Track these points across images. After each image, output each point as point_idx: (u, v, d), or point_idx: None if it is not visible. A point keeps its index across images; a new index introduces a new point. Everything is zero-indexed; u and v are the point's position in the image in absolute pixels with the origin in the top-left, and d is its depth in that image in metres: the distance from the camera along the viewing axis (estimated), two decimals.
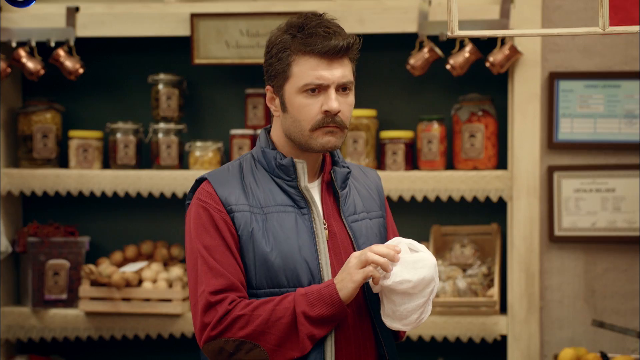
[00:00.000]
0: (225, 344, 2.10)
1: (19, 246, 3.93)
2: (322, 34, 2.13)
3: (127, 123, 3.94)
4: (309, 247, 2.15)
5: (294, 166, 2.19)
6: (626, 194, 3.67)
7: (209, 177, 2.21)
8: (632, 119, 3.67)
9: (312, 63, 2.13)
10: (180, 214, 3.93)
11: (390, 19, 3.73)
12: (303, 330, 2.08)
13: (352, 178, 2.30)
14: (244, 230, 2.15)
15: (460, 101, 3.80)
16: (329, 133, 2.15)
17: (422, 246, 2.13)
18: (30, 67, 3.84)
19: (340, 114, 2.15)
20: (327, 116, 2.14)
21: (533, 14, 3.66)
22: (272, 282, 2.14)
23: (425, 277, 2.06)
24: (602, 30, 1.83)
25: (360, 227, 2.24)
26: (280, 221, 2.16)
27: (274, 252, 2.14)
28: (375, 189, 2.35)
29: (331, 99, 2.13)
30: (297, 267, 2.14)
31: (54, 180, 3.89)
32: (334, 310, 2.08)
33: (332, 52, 2.13)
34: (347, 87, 2.17)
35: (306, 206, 2.19)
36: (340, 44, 2.13)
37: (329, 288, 2.09)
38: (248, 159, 2.25)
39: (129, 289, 3.77)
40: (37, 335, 3.89)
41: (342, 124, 2.17)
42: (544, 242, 3.72)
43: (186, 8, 3.84)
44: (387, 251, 2.07)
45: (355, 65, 2.21)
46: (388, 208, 2.39)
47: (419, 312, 2.09)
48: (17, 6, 1.98)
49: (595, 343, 3.69)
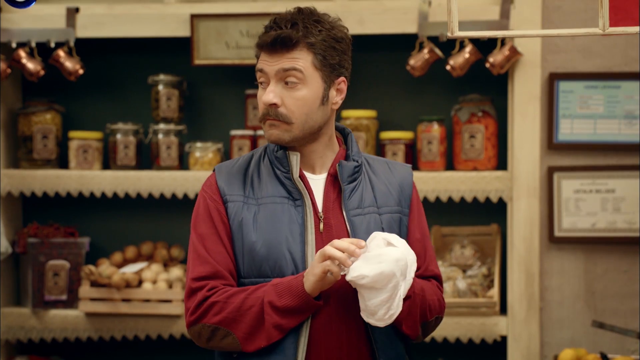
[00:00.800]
0: (202, 329, 2.15)
1: (19, 247, 3.93)
2: (270, 26, 2.16)
3: (127, 124, 3.94)
4: (296, 239, 2.16)
5: (287, 158, 2.20)
6: (626, 195, 3.67)
7: (216, 168, 2.28)
8: (632, 119, 3.67)
9: (261, 55, 2.19)
10: (180, 215, 3.93)
11: (390, 19, 3.73)
12: (269, 320, 2.10)
13: (371, 172, 2.28)
14: (235, 219, 2.19)
15: (460, 102, 3.80)
16: (271, 126, 2.19)
17: (402, 242, 2.10)
18: (30, 67, 3.84)
19: (283, 107, 2.16)
20: (267, 108, 2.18)
21: (533, 15, 3.66)
22: (257, 272, 2.16)
23: (384, 272, 2.03)
24: (602, 31, 1.83)
25: (362, 221, 2.21)
26: (272, 212, 2.18)
27: (259, 242, 2.16)
28: (398, 185, 2.29)
29: (265, 92, 2.17)
30: (281, 257, 2.15)
31: (54, 181, 3.89)
32: (299, 301, 2.09)
33: (269, 44, 2.14)
34: (293, 79, 2.15)
35: (300, 198, 2.19)
36: (280, 35, 2.13)
37: (297, 279, 2.10)
38: (259, 151, 2.29)
39: (129, 290, 3.77)
40: (37, 336, 3.89)
41: (286, 118, 2.17)
42: (544, 242, 3.72)
43: (186, 9, 3.84)
44: (347, 246, 2.05)
45: (320, 62, 2.15)
46: (416, 204, 2.32)
47: (385, 308, 2.07)
48: (17, 7, 1.98)
49: (595, 344, 3.69)
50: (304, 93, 2.17)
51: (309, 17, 2.17)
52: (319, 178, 2.24)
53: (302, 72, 2.15)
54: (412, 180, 2.33)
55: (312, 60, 2.16)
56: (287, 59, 2.15)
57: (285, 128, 2.18)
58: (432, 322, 2.29)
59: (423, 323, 2.25)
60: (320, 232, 2.19)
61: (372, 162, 2.32)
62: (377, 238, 2.10)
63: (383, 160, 2.35)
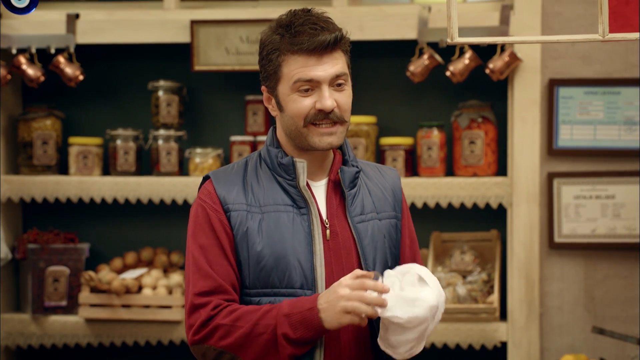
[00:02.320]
0: (207, 351, 2.11)
1: (19, 253, 3.93)
2: (309, 31, 2.08)
3: (127, 130, 3.94)
4: (304, 249, 2.13)
5: (294, 165, 2.16)
6: (626, 201, 3.67)
7: (212, 176, 2.21)
8: (632, 125, 3.67)
9: (301, 62, 2.10)
10: (180, 221, 3.93)
11: (390, 25, 3.74)
12: (284, 352, 2.05)
13: (365, 177, 2.27)
14: (239, 229, 2.14)
15: (460, 108, 3.80)
16: (326, 134, 2.13)
17: (433, 280, 2.06)
18: (31, 73, 3.84)
19: (337, 108, 2.13)
20: (320, 113, 2.12)
21: (533, 21, 3.67)
22: (265, 283, 2.13)
23: (419, 317, 2.00)
24: (601, 37, 1.83)
25: (366, 227, 2.20)
26: (277, 221, 2.14)
27: (266, 252, 2.12)
28: (390, 189, 2.29)
29: (324, 97, 2.11)
30: (290, 268, 2.12)
31: (54, 186, 3.89)
32: (316, 333, 2.05)
33: (320, 47, 2.09)
34: (342, 81, 2.14)
35: (305, 206, 2.16)
36: (327, 39, 2.08)
37: (311, 312, 2.04)
38: (254, 158, 2.24)
39: (129, 296, 3.77)
40: (37, 342, 3.89)
41: (340, 119, 2.14)
42: (543, 248, 3.71)
43: (186, 15, 3.85)
44: (375, 299, 2.00)
45: (349, 57, 2.17)
46: (406, 209, 2.33)
47: (409, 346, 2.05)
48: (18, 13, 1.98)
49: (595, 350, 3.69)
50: (349, 92, 2.17)
51: (325, 18, 2.14)
52: (319, 185, 2.22)
53: (347, 75, 2.15)
54: (400, 184, 2.33)
55: (346, 59, 2.16)
56: (336, 61, 2.12)
57: (341, 130, 2.15)
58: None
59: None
60: (327, 239, 2.16)
61: (364, 167, 2.30)
62: (410, 273, 2.05)
63: (373, 165, 2.34)
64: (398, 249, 2.27)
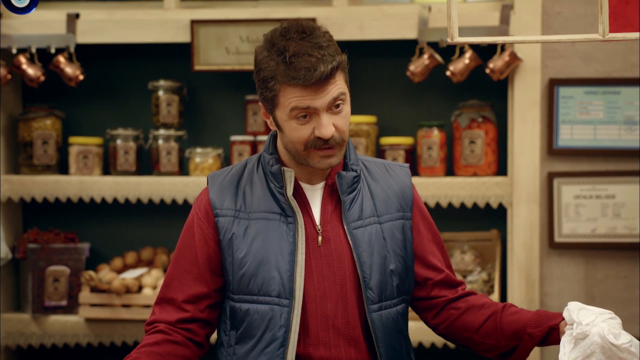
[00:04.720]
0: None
1: (19, 252, 3.93)
2: (304, 65, 2.01)
3: (127, 129, 3.94)
4: (285, 257, 2.11)
5: (282, 174, 2.15)
6: (626, 200, 3.67)
7: (209, 178, 2.24)
8: (632, 125, 3.67)
9: (297, 92, 2.04)
10: (180, 221, 3.91)
11: (390, 25, 3.73)
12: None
13: (369, 179, 2.23)
14: (225, 235, 2.16)
15: (460, 107, 3.80)
16: (324, 157, 2.10)
17: (629, 337, 2.08)
18: (31, 73, 3.84)
19: (336, 131, 2.08)
20: (320, 140, 2.07)
21: (533, 21, 3.67)
22: (245, 289, 2.13)
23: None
24: (601, 37, 1.83)
25: (363, 233, 2.16)
26: (263, 228, 2.14)
27: (248, 258, 2.13)
28: (398, 189, 2.24)
29: (323, 126, 2.05)
30: (268, 276, 2.11)
31: (54, 186, 3.89)
32: None
33: (317, 82, 2.02)
34: (340, 102, 2.08)
35: (292, 215, 2.14)
36: (324, 72, 2.01)
37: None
38: (253, 161, 2.23)
39: (129, 295, 3.77)
40: (37, 341, 3.89)
41: (340, 142, 2.10)
42: (544, 248, 3.72)
43: (186, 14, 3.85)
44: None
45: (347, 71, 2.11)
46: (421, 206, 2.28)
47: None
48: (18, 13, 1.98)
49: None
50: (348, 109, 2.11)
51: (320, 35, 2.06)
52: (316, 188, 2.19)
53: (345, 93, 2.10)
54: (411, 182, 2.28)
55: (344, 76, 2.11)
56: (333, 86, 2.06)
57: (340, 150, 2.11)
58: None
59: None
60: (318, 245, 2.15)
61: (370, 165, 2.26)
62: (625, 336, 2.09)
63: (381, 163, 2.29)
64: (408, 249, 2.22)
